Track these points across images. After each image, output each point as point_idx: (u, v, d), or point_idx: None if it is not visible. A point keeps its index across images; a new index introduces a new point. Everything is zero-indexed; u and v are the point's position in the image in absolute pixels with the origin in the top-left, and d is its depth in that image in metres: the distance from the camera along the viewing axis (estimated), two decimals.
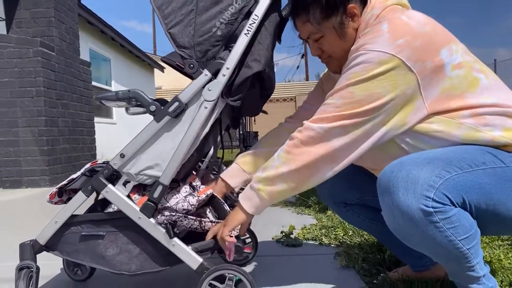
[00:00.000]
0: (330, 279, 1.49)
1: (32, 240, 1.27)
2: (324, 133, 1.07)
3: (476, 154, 1.00)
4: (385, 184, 0.99)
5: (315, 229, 2.17)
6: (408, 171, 0.96)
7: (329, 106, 1.08)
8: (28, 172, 4.56)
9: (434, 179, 0.94)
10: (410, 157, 1.01)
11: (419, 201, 0.93)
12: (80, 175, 1.26)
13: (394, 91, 1.02)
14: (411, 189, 0.93)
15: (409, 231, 0.97)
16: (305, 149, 1.09)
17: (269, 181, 1.14)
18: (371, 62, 1.01)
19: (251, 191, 1.18)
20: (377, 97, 1.02)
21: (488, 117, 1.03)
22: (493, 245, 1.75)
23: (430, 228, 0.94)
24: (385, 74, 1.01)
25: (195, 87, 1.19)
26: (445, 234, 0.94)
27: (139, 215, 1.19)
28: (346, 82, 1.06)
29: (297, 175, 1.11)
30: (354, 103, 1.04)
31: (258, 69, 1.20)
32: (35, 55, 4.51)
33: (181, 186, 1.32)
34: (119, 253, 1.22)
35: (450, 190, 0.94)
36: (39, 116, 4.53)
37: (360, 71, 1.03)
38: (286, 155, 1.12)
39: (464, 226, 0.95)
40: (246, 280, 1.15)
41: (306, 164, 1.09)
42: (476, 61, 1.09)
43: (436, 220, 0.93)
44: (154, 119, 1.20)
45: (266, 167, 1.16)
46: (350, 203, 1.44)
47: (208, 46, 1.17)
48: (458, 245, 0.95)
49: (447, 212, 0.93)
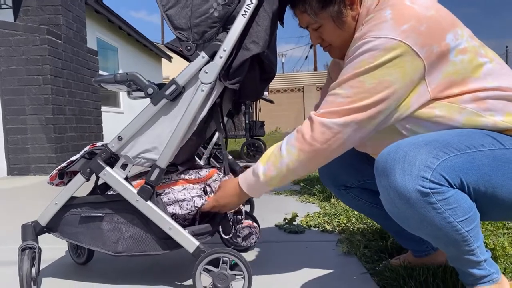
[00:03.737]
0: (332, 265, 1.48)
1: (34, 221, 1.29)
2: (339, 129, 1.04)
3: (475, 136, 0.98)
4: (382, 166, 0.97)
5: (318, 217, 2.16)
6: (405, 152, 0.94)
7: (339, 96, 1.04)
8: (36, 160, 4.61)
9: (431, 160, 0.92)
10: (407, 140, 0.99)
11: (416, 182, 0.91)
12: (79, 157, 1.26)
13: (404, 78, 0.99)
14: (408, 170, 0.92)
15: (407, 213, 0.95)
16: (319, 147, 1.06)
17: (281, 178, 1.13)
18: (378, 49, 0.99)
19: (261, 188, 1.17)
20: (387, 84, 1.00)
21: (490, 101, 1.01)
22: (497, 233, 1.73)
23: (428, 210, 0.92)
24: (393, 60, 0.98)
25: (192, 70, 1.18)
26: (443, 215, 0.92)
27: (137, 197, 1.19)
28: (354, 71, 1.02)
29: (307, 170, 1.12)
30: (364, 92, 1.01)
31: (257, 51, 1.18)
32: (42, 43, 4.53)
33: (195, 187, 1.31)
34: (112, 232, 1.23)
35: (448, 171, 0.92)
36: (46, 104, 4.56)
37: (367, 59, 1.00)
38: (299, 153, 1.09)
39: (463, 208, 0.93)
40: (241, 263, 1.15)
41: (321, 163, 1.10)
42: (481, 45, 1.06)
43: (434, 201, 0.91)
44: (151, 102, 1.20)
45: (275, 164, 1.12)
46: (350, 186, 1.43)
47: (205, 28, 1.16)
48: (457, 227, 0.93)
49: (444, 193, 0.91)
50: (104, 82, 1.23)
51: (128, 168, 1.23)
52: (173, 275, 1.43)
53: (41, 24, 4.80)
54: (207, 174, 1.37)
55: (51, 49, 4.61)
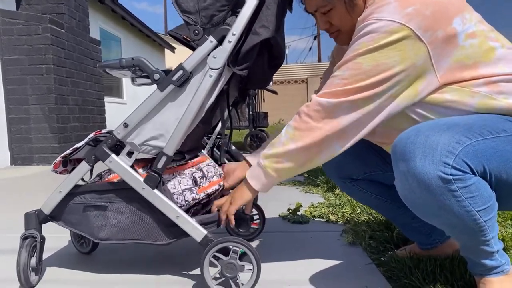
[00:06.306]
0: (336, 255, 1.47)
1: (37, 210, 1.27)
2: (333, 108, 1.03)
3: (496, 121, 0.95)
4: (401, 151, 0.93)
5: (323, 207, 2.14)
6: (426, 136, 0.90)
7: (336, 78, 1.03)
8: (39, 150, 4.60)
9: (454, 145, 0.88)
10: (427, 123, 0.96)
11: (438, 168, 0.87)
12: (84, 145, 1.24)
13: (404, 62, 0.97)
14: (429, 155, 0.88)
15: (425, 200, 0.92)
16: (313, 125, 1.05)
17: (276, 158, 1.11)
18: (379, 31, 0.96)
19: (258, 169, 1.15)
20: (385, 67, 0.97)
21: (503, 84, 0.98)
22: (505, 224, 1.71)
23: (448, 197, 0.89)
24: (394, 44, 0.96)
25: (200, 55, 1.15)
26: (463, 204, 0.89)
27: (143, 185, 1.18)
28: (353, 53, 1.01)
29: (305, 152, 1.08)
30: (361, 74, 0.99)
31: (267, 36, 1.15)
32: (45, 32, 4.49)
33: (187, 174, 1.28)
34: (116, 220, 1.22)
35: (471, 157, 0.88)
36: (49, 93, 4.54)
37: (367, 41, 0.98)
38: (294, 131, 1.09)
39: (483, 197, 0.90)
40: (250, 253, 1.13)
41: (314, 141, 1.06)
42: (491, 30, 1.03)
43: (455, 188, 0.88)
44: (158, 88, 1.17)
45: (274, 143, 1.13)
46: (356, 178, 1.40)
47: (214, 11, 1.13)
48: (476, 216, 0.91)
49: (466, 180, 0.88)
50: (109, 67, 1.20)
51: (134, 156, 1.21)
52: (179, 265, 1.42)
53: (43, 13, 4.76)
54: (199, 158, 1.34)
55: (54, 39, 4.57)
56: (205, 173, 1.31)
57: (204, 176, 1.30)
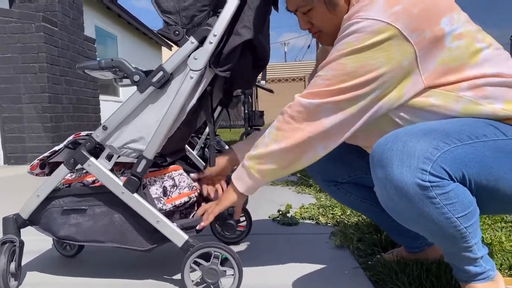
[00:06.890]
0: (323, 259, 1.45)
1: (15, 214, 1.25)
2: (315, 109, 1.00)
3: (475, 126, 0.93)
4: (379, 157, 0.91)
5: (313, 208, 2.12)
6: (403, 142, 0.88)
7: (319, 78, 1.01)
8: (32, 149, 4.57)
9: (432, 151, 0.86)
10: (406, 129, 0.93)
11: (415, 174, 0.85)
12: (63, 147, 1.22)
13: (389, 64, 0.94)
14: (406, 162, 0.86)
15: (403, 207, 0.90)
16: (296, 126, 1.03)
17: (259, 160, 1.09)
18: (364, 31, 0.93)
19: (242, 170, 1.13)
20: (370, 69, 0.94)
21: (488, 89, 0.95)
22: (495, 227, 1.69)
23: (426, 204, 0.87)
24: (380, 45, 0.92)
25: (180, 56, 1.12)
26: (442, 211, 0.87)
27: (122, 189, 1.15)
28: (337, 53, 0.98)
29: (287, 154, 1.05)
30: (345, 75, 0.96)
31: (249, 37, 1.13)
32: (38, 30, 4.46)
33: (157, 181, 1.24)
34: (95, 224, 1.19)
35: (449, 163, 0.86)
36: (42, 92, 4.51)
37: (352, 41, 0.95)
38: (276, 132, 1.06)
39: (463, 203, 0.88)
40: (231, 258, 1.11)
41: (297, 142, 1.03)
42: (479, 30, 1.00)
43: (433, 195, 0.86)
44: (137, 90, 1.15)
45: (258, 144, 1.11)
46: (341, 181, 1.38)
47: (195, 11, 1.10)
48: (456, 223, 0.88)
49: (444, 186, 0.86)
50: (88, 68, 1.18)
51: (114, 159, 1.19)
52: (162, 269, 1.40)
53: (37, 11, 4.73)
54: (172, 166, 1.30)
55: (47, 37, 4.54)
56: (176, 183, 1.28)
57: (175, 186, 1.27)
